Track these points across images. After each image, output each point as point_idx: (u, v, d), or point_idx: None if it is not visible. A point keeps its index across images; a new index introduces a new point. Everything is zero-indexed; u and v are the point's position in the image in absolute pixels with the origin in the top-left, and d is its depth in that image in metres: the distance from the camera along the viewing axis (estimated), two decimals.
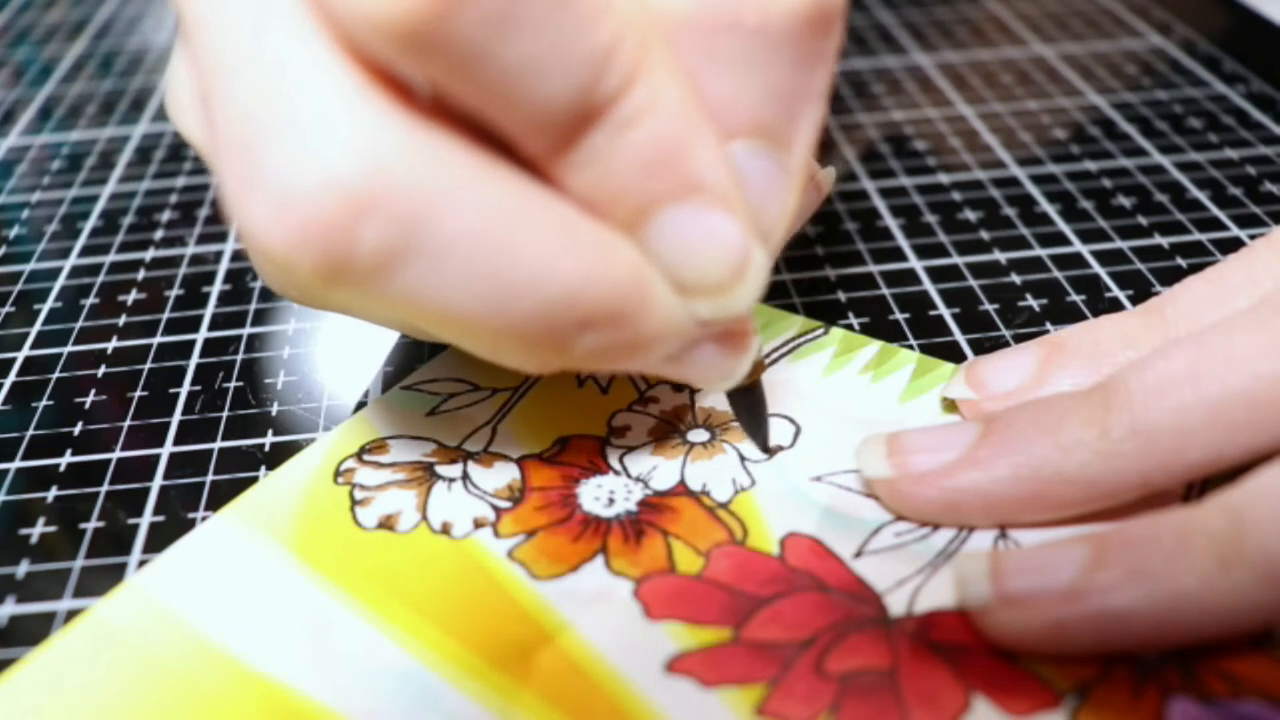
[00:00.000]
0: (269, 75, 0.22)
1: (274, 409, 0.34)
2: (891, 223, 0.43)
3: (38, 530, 0.31)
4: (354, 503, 0.30)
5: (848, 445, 0.31)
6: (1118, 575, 0.25)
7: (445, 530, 0.29)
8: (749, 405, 0.31)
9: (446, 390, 0.34)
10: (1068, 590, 0.25)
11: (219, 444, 0.33)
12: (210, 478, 0.32)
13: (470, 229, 0.22)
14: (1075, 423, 0.27)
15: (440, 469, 0.31)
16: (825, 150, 0.48)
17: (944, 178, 0.46)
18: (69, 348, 0.38)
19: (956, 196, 0.44)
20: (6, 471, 0.33)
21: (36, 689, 0.25)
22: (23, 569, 0.29)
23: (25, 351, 0.38)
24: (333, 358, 0.36)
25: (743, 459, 0.31)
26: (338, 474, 0.31)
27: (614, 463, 0.31)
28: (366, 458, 0.31)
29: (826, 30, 0.25)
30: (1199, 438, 0.26)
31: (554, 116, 0.22)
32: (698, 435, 0.32)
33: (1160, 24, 0.59)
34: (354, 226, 0.22)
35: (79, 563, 0.29)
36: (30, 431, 0.34)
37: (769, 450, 0.31)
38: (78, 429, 0.34)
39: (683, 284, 0.25)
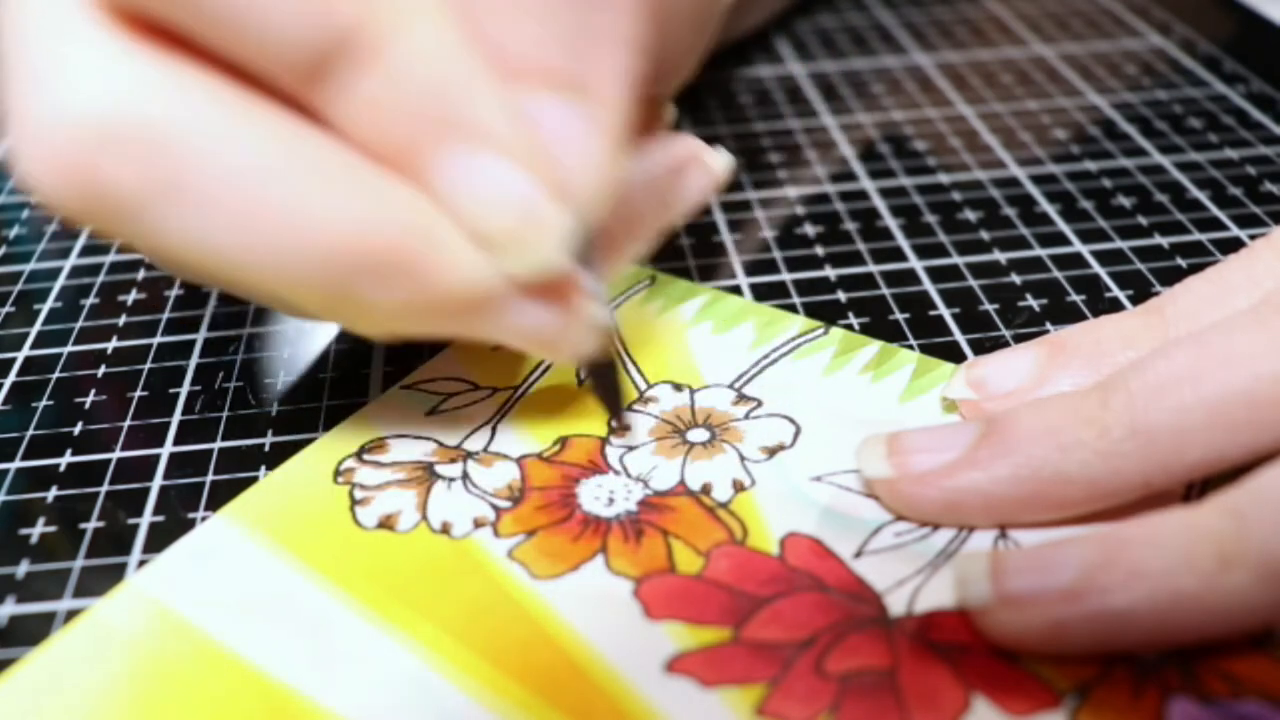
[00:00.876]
0: (31, 10, 0.23)
1: (274, 409, 0.34)
2: (891, 223, 0.43)
3: (38, 530, 0.30)
4: (354, 502, 0.30)
5: (848, 445, 0.31)
6: (1118, 575, 0.25)
7: (445, 530, 0.29)
8: (601, 379, 0.31)
9: (446, 389, 0.34)
10: (1068, 590, 0.25)
11: (219, 444, 0.33)
12: (210, 478, 0.32)
13: (224, 166, 0.22)
14: (1075, 423, 0.27)
15: (440, 468, 0.31)
16: (825, 150, 0.48)
17: (944, 178, 0.46)
18: (69, 348, 0.38)
19: (956, 196, 0.44)
20: (6, 471, 0.33)
21: (36, 689, 0.25)
22: (23, 569, 0.29)
23: (25, 351, 0.38)
24: (333, 358, 0.36)
25: (743, 459, 0.31)
26: (337, 473, 0.31)
27: (614, 462, 0.31)
28: (366, 457, 0.31)
29: None
30: (1199, 438, 0.26)
31: (290, 51, 0.22)
32: (698, 435, 0.32)
33: (1160, 24, 0.59)
34: (98, 161, 0.22)
35: (79, 563, 0.29)
36: (30, 431, 0.34)
37: (624, 427, 0.31)
38: (78, 429, 0.34)
39: (471, 232, 0.25)
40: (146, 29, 0.23)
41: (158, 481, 0.32)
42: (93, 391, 0.36)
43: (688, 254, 0.41)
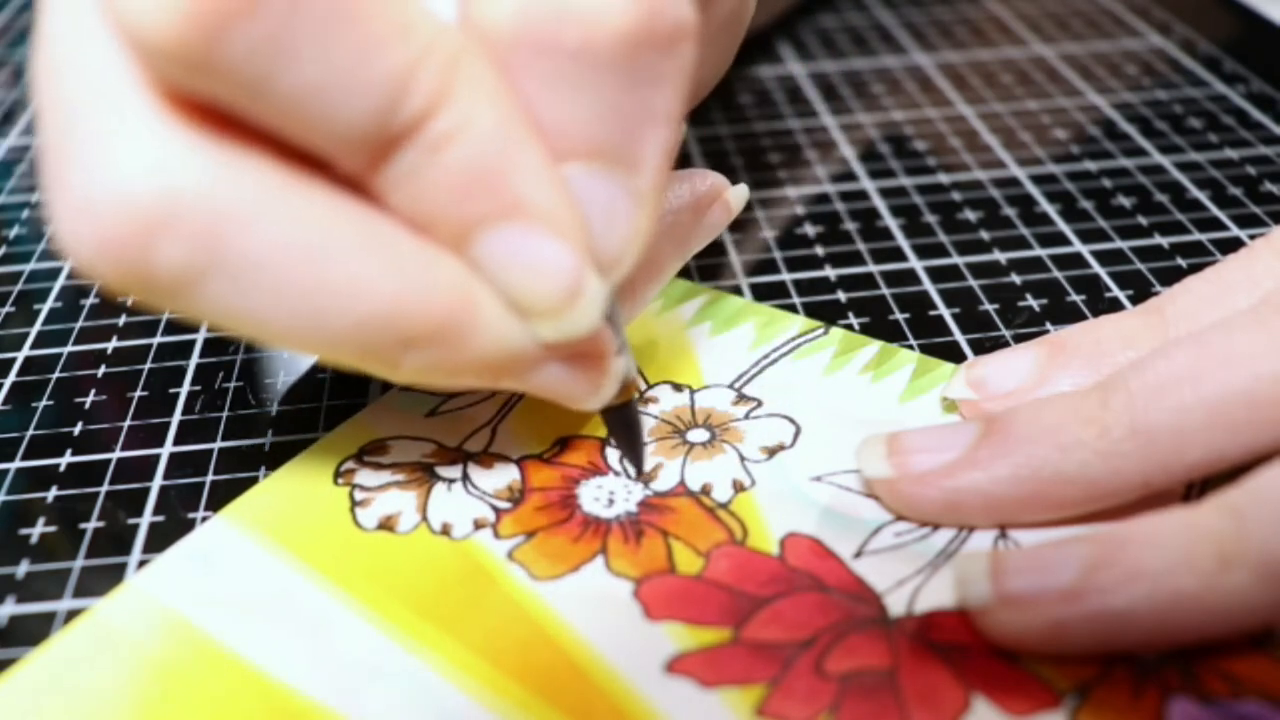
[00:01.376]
0: (80, 86, 0.23)
1: (274, 409, 0.34)
2: (891, 223, 0.43)
3: (38, 530, 0.31)
4: (354, 503, 0.30)
5: (848, 445, 0.31)
6: (1118, 575, 0.25)
7: (445, 531, 0.29)
8: (621, 424, 0.31)
9: (446, 390, 0.34)
10: (1068, 590, 0.25)
11: (219, 444, 0.33)
12: (210, 478, 0.32)
13: (272, 246, 0.23)
14: (1075, 423, 0.27)
15: (440, 470, 0.31)
16: (825, 150, 0.48)
17: (944, 178, 0.46)
18: (69, 348, 0.38)
19: (956, 196, 0.44)
20: (6, 471, 0.33)
21: (36, 689, 0.25)
22: (23, 569, 0.29)
23: (25, 351, 0.38)
24: None
25: (743, 459, 0.31)
26: (338, 474, 0.31)
27: (614, 463, 0.31)
28: (366, 458, 0.31)
29: (663, 49, 0.24)
30: (1199, 438, 0.26)
31: (354, 138, 0.23)
32: (698, 435, 0.32)
33: (1160, 24, 0.59)
34: (149, 243, 0.22)
35: (79, 563, 0.29)
36: (30, 431, 0.34)
37: (644, 474, 0.31)
38: (78, 429, 0.34)
39: (516, 305, 0.25)
40: (196, 107, 0.23)
41: (158, 481, 0.32)
42: (93, 391, 0.36)
43: None
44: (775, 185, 0.45)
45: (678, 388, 0.34)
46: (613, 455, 0.31)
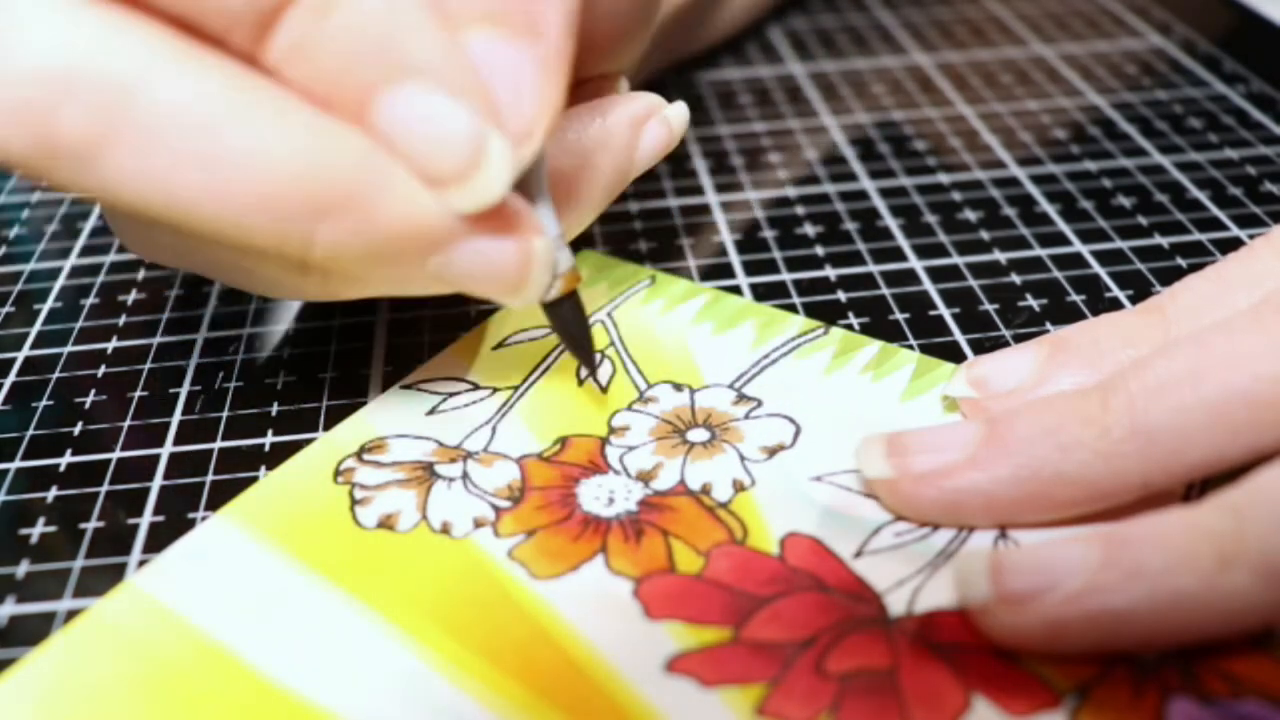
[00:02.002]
0: None
1: (274, 409, 0.34)
2: (891, 223, 0.43)
3: (38, 530, 0.31)
4: (354, 502, 0.30)
5: (848, 445, 0.31)
6: (1118, 575, 0.25)
7: (445, 530, 0.29)
8: (564, 320, 0.31)
9: (446, 389, 0.34)
10: (1068, 590, 0.25)
11: (219, 444, 0.33)
12: (210, 478, 0.32)
13: (171, 112, 0.23)
14: (1075, 423, 0.27)
15: (440, 468, 0.31)
16: (826, 150, 0.48)
17: (944, 178, 0.46)
18: (69, 348, 0.38)
19: (956, 196, 0.44)
20: (6, 471, 0.33)
21: (36, 688, 0.25)
22: (23, 569, 0.29)
23: (25, 351, 0.38)
24: (333, 358, 0.36)
25: (743, 459, 0.31)
26: (337, 473, 0.31)
27: (614, 462, 0.31)
28: (366, 457, 0.31)
29: None
30: (1199, 438, 0.26)
31: (248, 10, 0.23)
32: (698, 435, 0.32)
33: (1160, 24, 0.59)
34: (53, 111, 0.23)
35: (79, 563, 0.29)
36: (30, 431, 0.34)
37: (594, 371, 0.31)
38: (78, 429, 0.34)
39: (420, 172, 0.25)
40: None
41: (158, 481, 0.32)
42: (93, 391, 0.36)
43: (688, 254, 0.41)
44: (775, 185, 0.45)
45: (678, 387, 0.34)
46: (613, 454, 0.31)
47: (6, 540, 0.30)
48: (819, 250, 0.41)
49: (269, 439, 0.33)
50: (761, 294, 0.39)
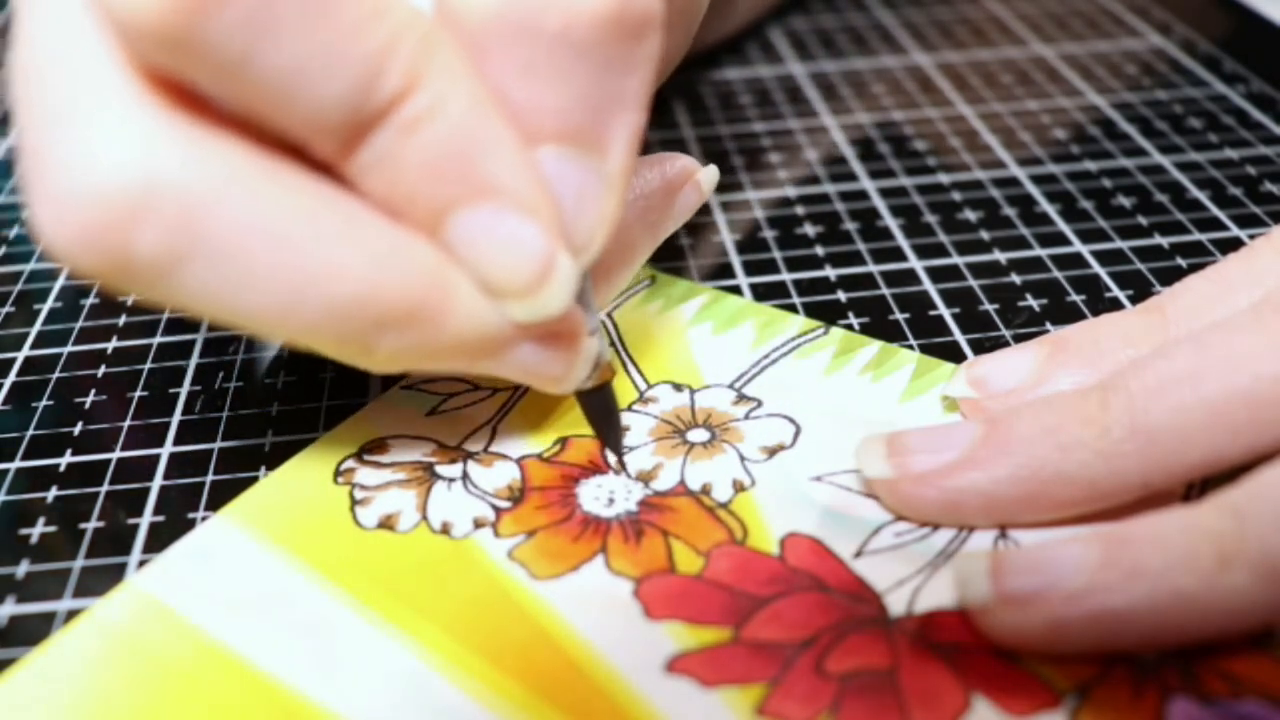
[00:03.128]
0: (61, 78, 0.23)
1: (274, 409, 0.34)
2: (891, 223, 0.43)
3: (38, 530, 0.31)
4: (354, 502, 0.30)
5: (848, 445, 0.31)
6: (1117, 575, 0.25)
7: (445, 530, 0.29)
8: (596, 409, 0.31)
9: (446, 390, 0.34)
10: (1068, 590, 0.25)
11: (219, 444, 0.33)
12: (210, 478, 0.32)
13: (246, 230, 0.23)
14: (1075, 423, 0.28)
15: (440, 469, 0.31)
16: (826, 150, 0.48)
17: (944, 178, 0.46)
18: (69, 348, 0.38)
19: (956, 196, 0.44)
20: (6, 471, 0.33)
21: (36, 689, 0.26)
22: (23, 569, 0.29)
23: (25, 351, 0.38)
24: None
25: (743, 459, 0.31)
26: (337, 474, 0.31)
27: (614, 461, 0.31)
28: (366, 457, 0.31)
29: (636, 35, 0.25)
30: (1199, 438, 0.26)
31: (330, 120, 0.23)
32: (698, 435, 0.32)
33: (1160, 24, 0.59)
34: (128, 231, 0.23)
35: (79, 563, 0.29)
36: (30, 431, 0.34)
37: (620, 456, 0.31)
38: (78, 429, 0.34)
39: (488, 286, 0.26)
40: (174, 89, 0.23)
41: (158, 481, 0.32)
42: (93, 391, 0.36)
43: (687, 254, 0.41)
44: (775, 185, 0.45)
45: (678, 388, 0.34)
46: (612, 454, 0.31)
47: (6, 540, 0.30)
48: (819, 250, 0.41)
49: (269, 439, 0.33)
50: (761, 294, 0.39)
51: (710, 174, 0.33)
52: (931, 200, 0.44)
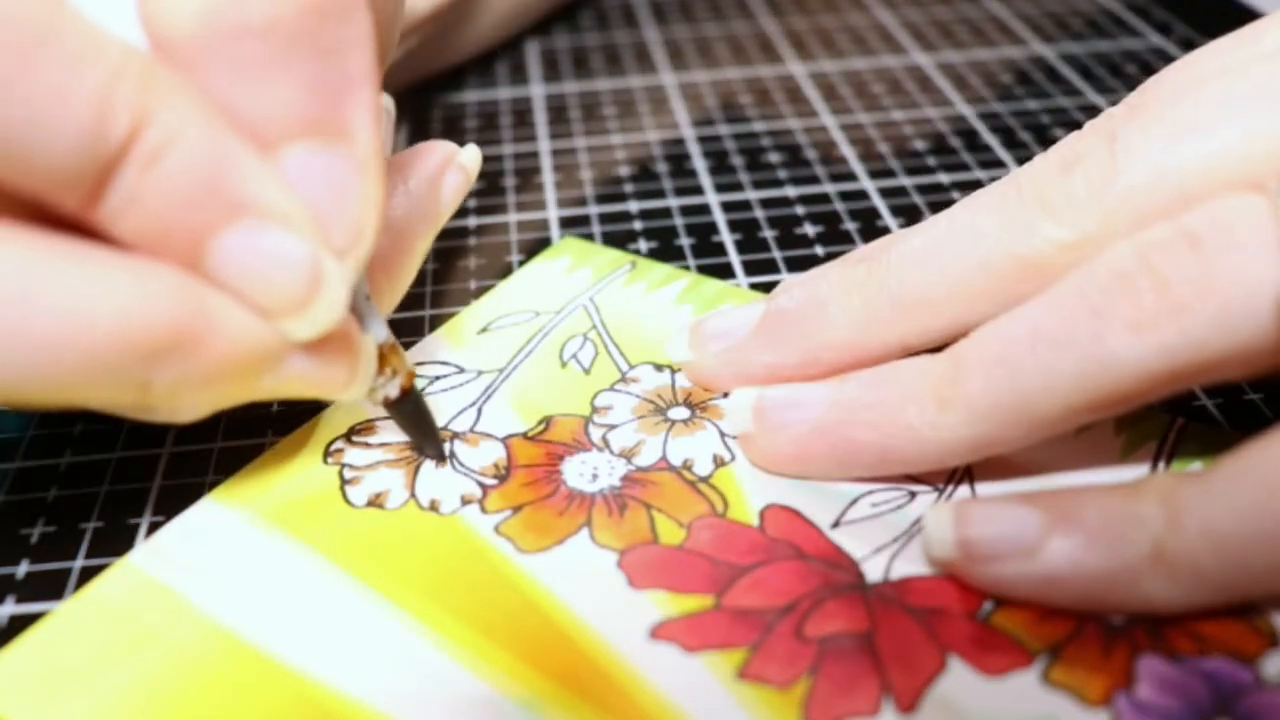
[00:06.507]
0: None
1: (274, 409, 0.34)
2: (892, 223, 0.43)
3: (38, 530, 0.31)
4: (344, 482, 0.30)
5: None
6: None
7: (433, 507, 0.30)
8: (407, 416, 0.31)
9: (432, 373, 0.34)
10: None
11: (219, 444, 0.33)
12: (210, 478, 0.32)
13: None
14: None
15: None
16: (825, 150, 0.48)
17: (944, 178, 0.46)
18: None
19: (956, 196, 0.44)
20: (6, 471, 0.33)
21: (31, 665, 0.26)
22: (23, 569, 0.30)
23: None
24: None
25: (723, 435, 0.31)
26: (327, 454, 0.31)
27: (597, 439, 0.32)
28: (355, 438, 0.32)
29: (342, 14, 0.25)
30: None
31: (67, 171, 0.22)
32: (678, 413, 0.32)
33: (1160, 24, 0.59)
34: None
35: (79, 563, 0.30)
36: (30, 431, 0.34)
37: (442, 460, 0.31)
38: (78, 429, 0.34)
39: (260, 310, 0.25)
40: None
41: (158, 481, 0.32)
42: None
43: (688, 254, 0.41)
44: (774, 185, 0.46)
45: (659, 368, 0.34)
46: (595, 432, 0.32)
47: (6, 540, 0.31)
48: (819, 250, 0.41)
49: (269, 439, 0.33)
50: (762, 294, 0.39)
51: (470, 154, 0.33)
52: (931, 200, 0.44)
